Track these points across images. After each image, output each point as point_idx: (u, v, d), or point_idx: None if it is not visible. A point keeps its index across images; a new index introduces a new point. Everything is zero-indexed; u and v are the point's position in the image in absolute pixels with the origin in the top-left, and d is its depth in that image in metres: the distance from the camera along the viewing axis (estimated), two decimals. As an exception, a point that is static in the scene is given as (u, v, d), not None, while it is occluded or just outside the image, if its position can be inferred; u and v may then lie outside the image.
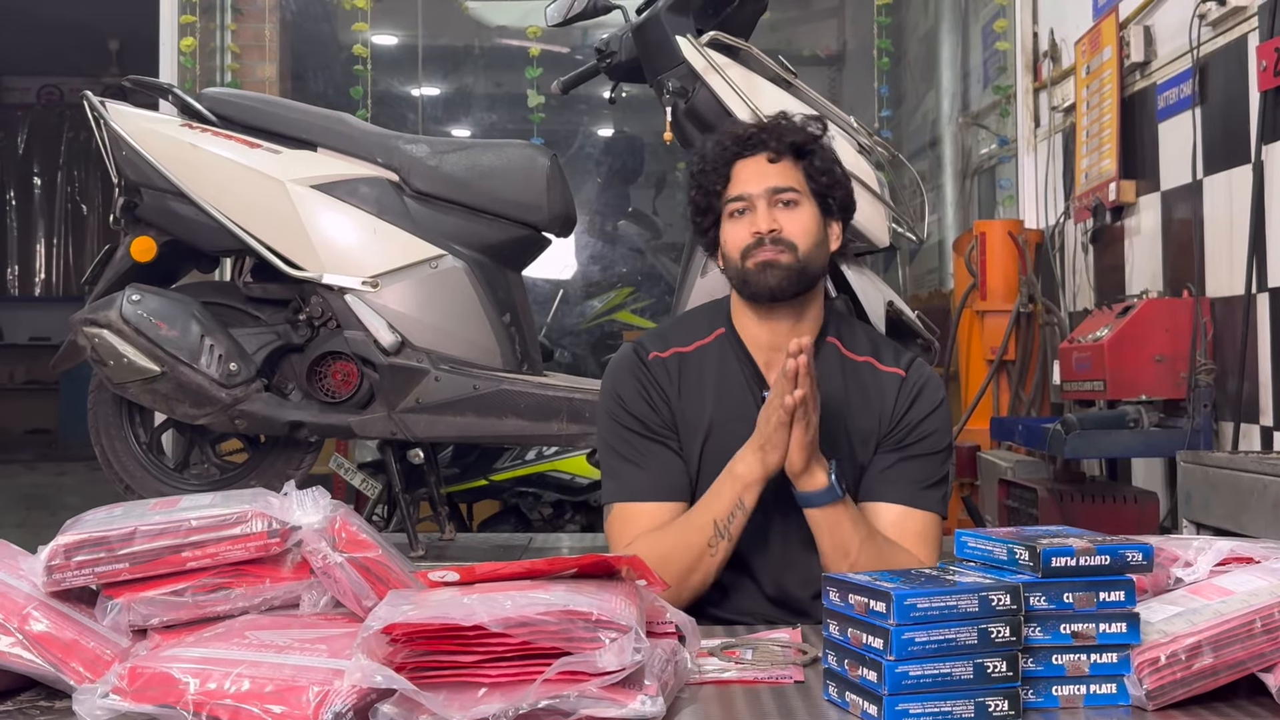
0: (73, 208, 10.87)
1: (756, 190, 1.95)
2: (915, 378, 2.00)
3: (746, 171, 1.97)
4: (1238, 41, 3.21)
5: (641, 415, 1.98)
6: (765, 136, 1.98)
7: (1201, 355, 3.24)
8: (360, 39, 5.28)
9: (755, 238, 1.93)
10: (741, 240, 1.94)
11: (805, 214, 1.96)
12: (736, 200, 1.96)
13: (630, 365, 2.01)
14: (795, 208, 1.95)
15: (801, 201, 1.96)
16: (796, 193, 1.96)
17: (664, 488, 1.95)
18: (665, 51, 2.81)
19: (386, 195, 2.93)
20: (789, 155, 1.97)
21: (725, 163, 1.98)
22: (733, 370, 1.99)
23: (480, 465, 4.16)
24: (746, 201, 1.95)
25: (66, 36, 9.13)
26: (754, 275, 1.92)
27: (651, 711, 1.24)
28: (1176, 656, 1.33)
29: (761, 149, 1.97)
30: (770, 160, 1.96)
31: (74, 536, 1.45)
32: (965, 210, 5.99)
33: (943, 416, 1.99)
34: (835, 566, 1.83)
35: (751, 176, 1.96)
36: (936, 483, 1.97)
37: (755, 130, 1.99)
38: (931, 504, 1.96)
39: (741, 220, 1.96)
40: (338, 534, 1.46)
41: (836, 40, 7.27)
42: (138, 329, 2.82)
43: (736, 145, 1.98)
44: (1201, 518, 2.72)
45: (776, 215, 1.94)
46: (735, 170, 1.97)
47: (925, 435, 1.97)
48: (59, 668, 1.39)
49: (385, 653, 1.25)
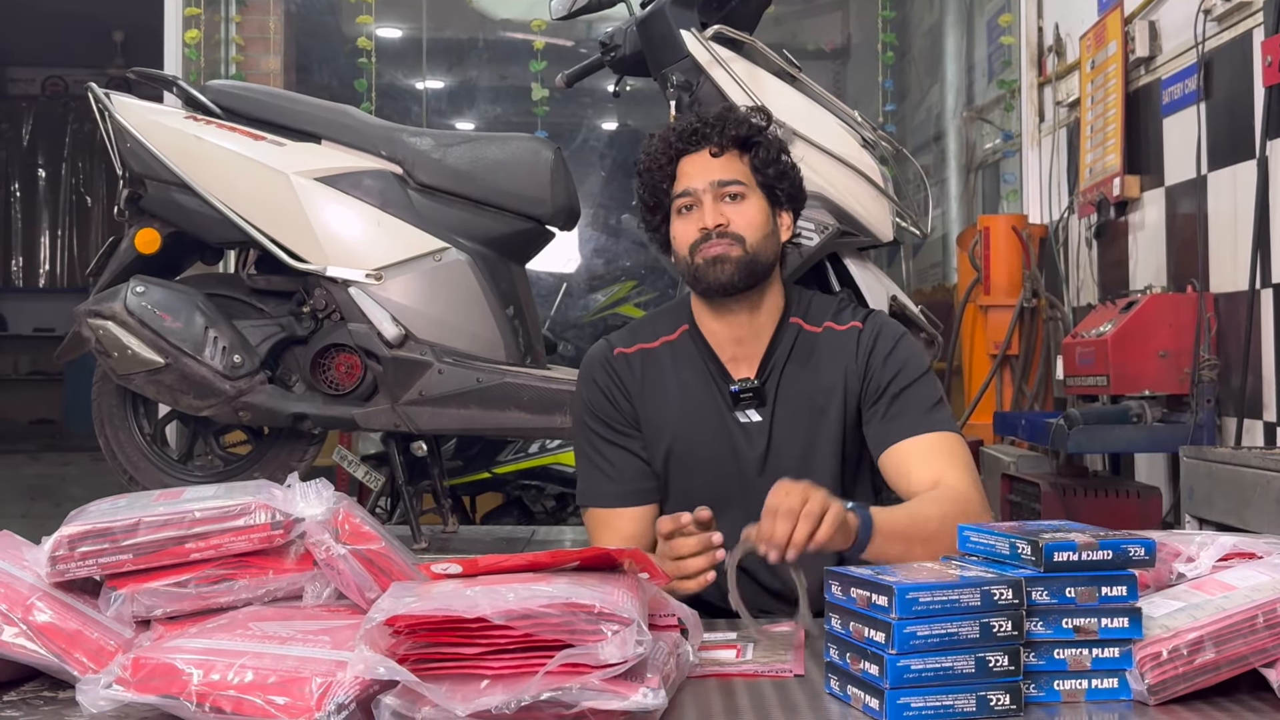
0: (77, 199, 10.87)
1: (701, 185, 1.94)
2: (871, 326, 1.99)
3: (691, 167, 1.96)
4: (1243, 37, 3.20)
5: (605, 415, 2.00)
6: (708, 130, 1.96)
7: (1205, 350, 3.24)
8: (364, 31, 5.27)
9: (703, 233, 1.92)
10: (690, 236, 1.94)
11: (752, 206, 1.95)
12: (683, 196, 1.96)
13: (596, 363, 2.03)
14: (742, 201, 1.95)
15: (748, 194, 1.95)
16: (742, 185, 1.95)
17: (630, 493, 1.98)
18: (669, 45, 2.81)
19: (390, 188, 2.93)
20: (733, 148, 1.97)
21: (670, 160, 1.97)
22: (696, 366, 2.00)
23: (483, 458, 4.16)
24: (692, 197, 1.95)
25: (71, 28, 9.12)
26: (704, 270, 1.92)
27: (653, 704, 1.24)
28: (1178, 651, 1.33)
29: (704, 143, 1.96)
30: (713, 154, 1.96)
31: (78, 527, 1.45)
32: (969, 205, 5.98)
33: (908, 347, 1.98)
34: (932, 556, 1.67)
35: (696, 171, 1.96)
36: (936, 404, 1.94)
37: (698, 125, 1.98)
38: (942, 424, 1.93)
39: (689, 216, 1.95)
40: (341, 526, 1.46)
41: (841, 34, 7.26)
42: (142, 320, 2.82)
43: (680, 141, 1.97)
44: (1204, 513, 2.72)
45: (723, 209, 1.93)
46: (680, 166, 1.97)
47: (900, 367, 1.95)
48: (63, 658, 1.40)
49: (388, 644, 1.25)
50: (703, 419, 1.97)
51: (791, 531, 1.57)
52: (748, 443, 1.96)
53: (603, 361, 2.02)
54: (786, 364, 1.97)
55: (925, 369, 1.97)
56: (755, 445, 1.96)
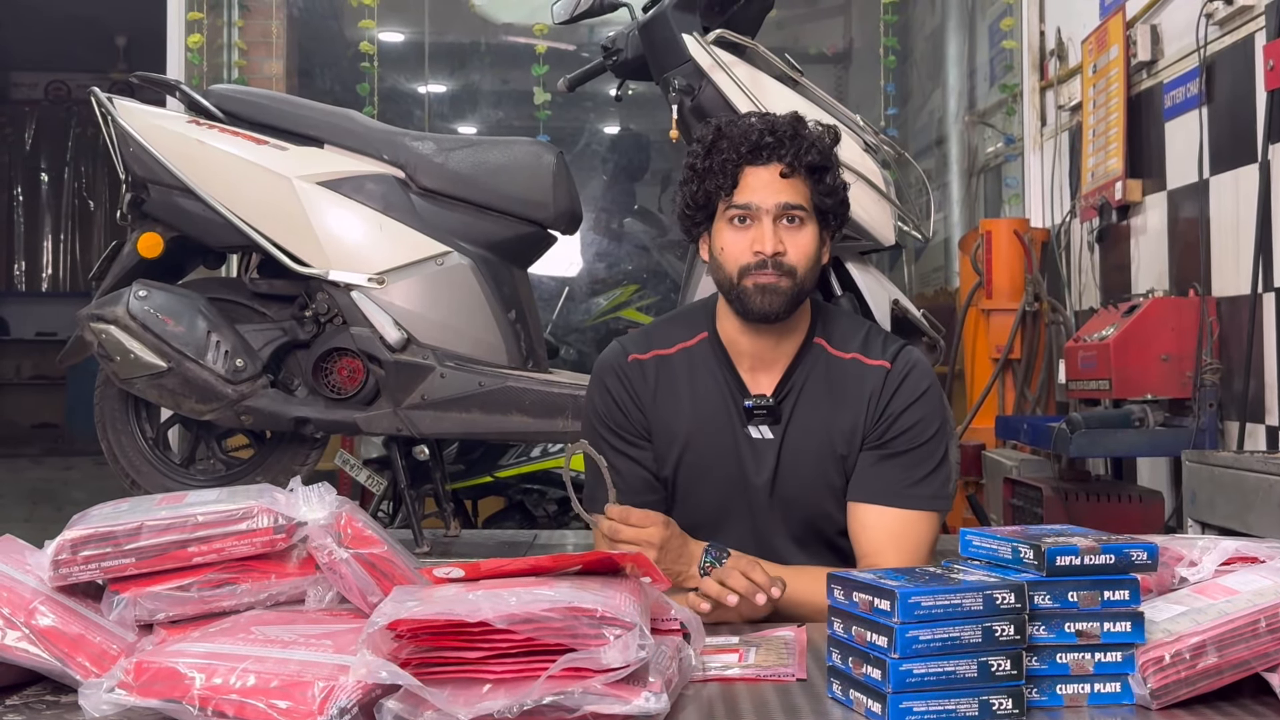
0: (79, 203, 10.89)
1: (766, 205, 1.88)
2: (900, 367, 1.93)
3: (756, 181, 1.89)
4: (1245, 41, 3.20)
5: (615, 423, 1.98)
6: (783, 151, 1.88)
7: (1207, 354, 3.23)
8: (367, 36, 5.28)
9: (758, 257, 1.86)
10: (742, 256, 1.88)
11: (808, 234, 1.90)
12: (742, 208, 1.89)
13: (609, 369, 2.00)
14: (800, 227, 1.89)
15: (806, 220, 1.90)
16: (804, 210, 1.89)
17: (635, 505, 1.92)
18: (671, 49, 2.81)
19: (393, 192, 2.94)
20: (801, 171, 1.90)
21: (734, 166, 1.89)
22: (713, 376, 1.96)
23: (485, 462, 4.16)
24: (752, 213, 1.88)
25: (74, 32, 9.14)
26: (751, 296, 1.87)
27: (656, 708, 1.24)
28: (1181, 656, 1.33)
29: (775, 160, 1.89)
30: (783, 175, 1.89)
31: (80, 531, 1.45)
32: (971, 209, 5.98)
33: (929, 404, 1.92)
34: None
35: (760, 187, 1.88)
36: (928, 475, 1.90)
37: (771, 140, 1.89)
38: (919, 500, 1.90)
39: (743, 231, 1.89)
40: (343, 530, 1.46)
41: (843, 38, 7.26)
42: (144, 325, 2.82)
43: (750, 151, 1.88)
44: (1206, 517, 2.72)
45: (781, 234, 1.87)
46: (744, 176, 1.89)
47: (908, 427, 1.91)
48: (65, 662, 1.40)
49: (390, 648, 1.25)
50: (715, 430, 1.94)
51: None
52: (756, 458, 1.94)
53: (616, 368, 1.99)
54: (805, 385, 1.94)
55: (935, 431, 1.92)
56: (764, 461, 1.94)
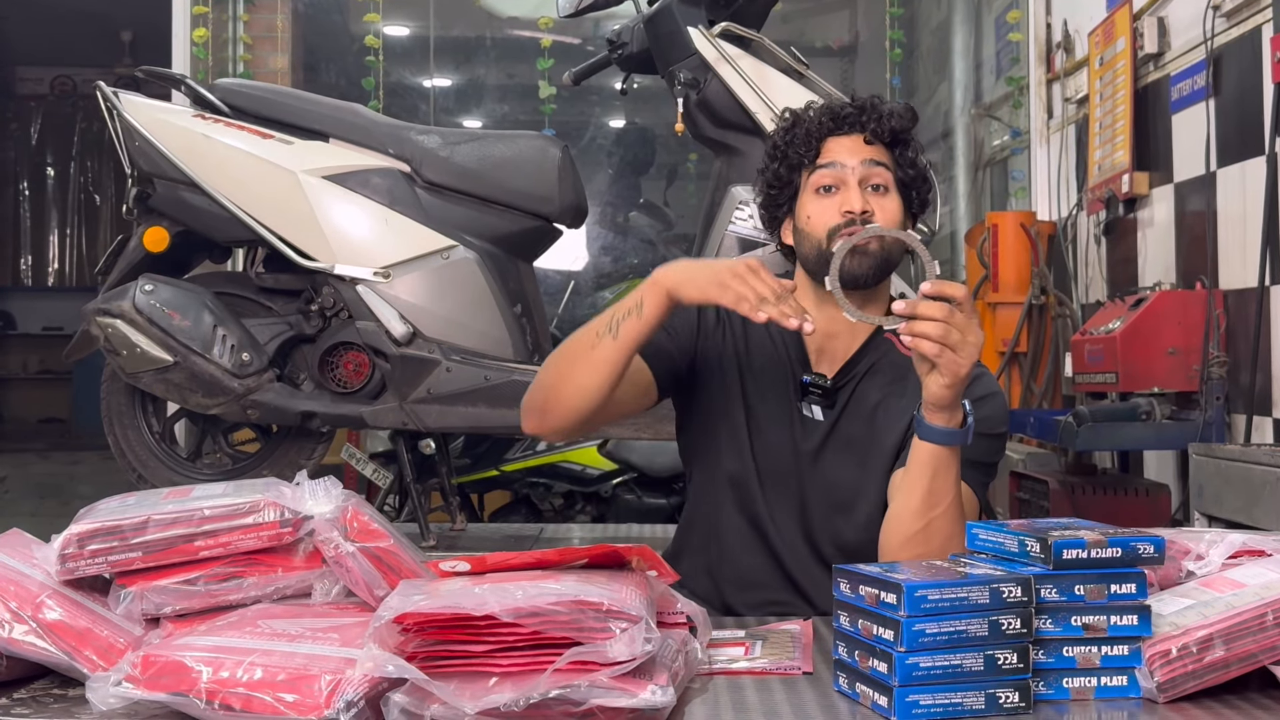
0: (85, 198, 10.90)
1: (851, 163, 1.86)
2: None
3: (839, 146, 1.88)
4: (1252, 33, 3.20)
5: (681, 314, 1.89)
6: (864, 117, 1.89)
7: (1214, 348, 3.23)
8: (372, 30, 5.28)
9: (846, 217, 1.84)
10: (830, 219, 1.85)
11: (894, 202, 1.88)
12: (829, 168, 1.87)
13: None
14: (886, 194, 1.87)
15: (891, 189, 1.89)
16: (889, 173, 1.88)
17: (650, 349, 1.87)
18: (677, 43, 2.81)
19: (398, 186, 2.94)
20: (883, 140, 1.89)
21: (817, 138, 1.88)
22: (777, 345, 1.95)
23: (491, 456, 4.17)
24: (838, 174, 1.86)
25: (79, 27, 9.14)
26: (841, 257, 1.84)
27: (662, 701, 1.24)
28: (1188, 649, 1.33)
29: (858, 129, 1.88)
30: (866, 142, 1.88)
31: (87, 525, 1.45)
32: (977, 202, 5.97)
33: (993, 405, 1.87)
34: (913, 518, 1.71)
35: (845, 150, 1.88)
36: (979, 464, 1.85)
37: (853, 109, 1.89)
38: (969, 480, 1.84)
39: (829, 198, 1.87)
40: (349, 523, 1.46)
41: (849, 32, 7.25)
42: (150, 319, 2.83)
43: (832, 121, 1.89)
44: (1213, 510, 2.72)
45: (869, 198, 1.86)
46: (826, 145, 1.88)
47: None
48: (72, 656, 1.40)
49: (397, 642, 1.26)
50: (771, 393, 1.93)
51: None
52: (804, 436, 1.92)
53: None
54: (866, 376, 1.91)
55: (996, 432, 1.88)
56: (810, 441, 1.92)
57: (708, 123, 2.83)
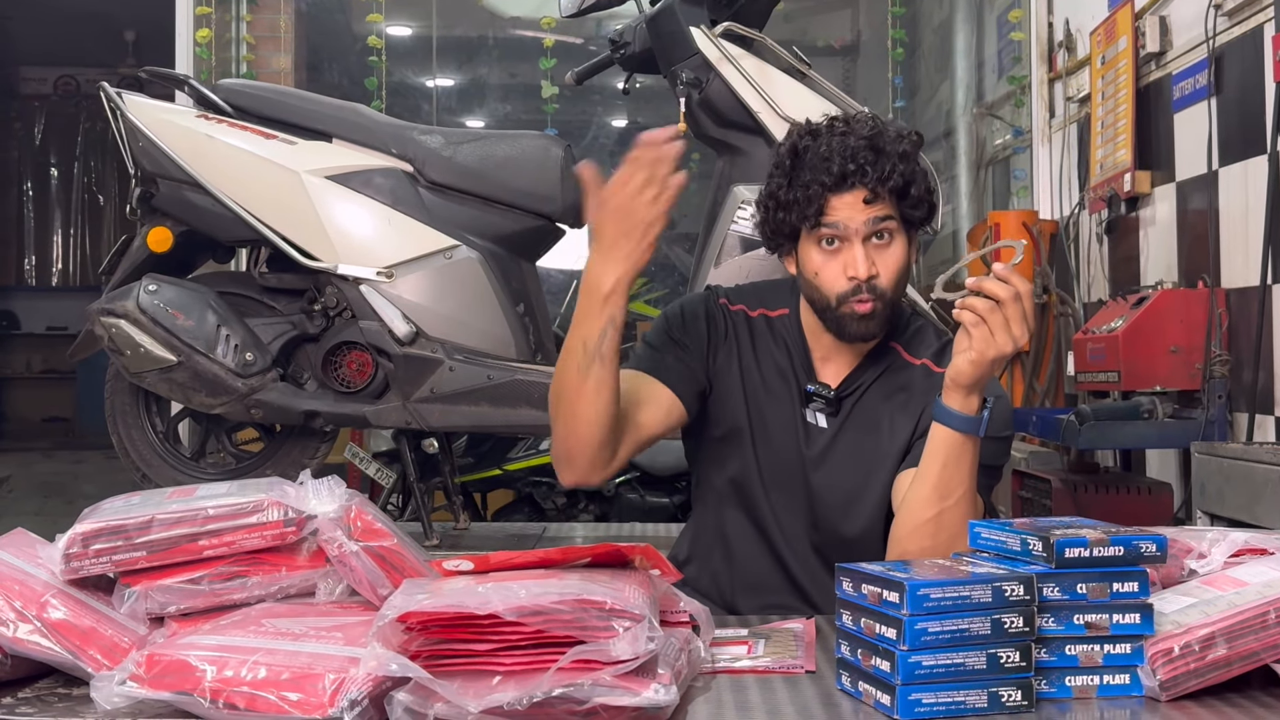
0: (89, 198, 10.90)
1: (854, 225, 1.84)
2: None
3: (841, 204, 1.85)
4: (1254, 32, 3.20)
5: (686, 330, 1.95)
6: (865, 178, 1.84)
7: (1216, 346, 3.23)
8: (375, 30, 5.28)
9: (852, 283, 1.84)
10: (838, 284, 1.85)
11: (898, 248, 1.87)
12: (830, 228, 1.85)
13: (702, 297, 2.01)
14: (889, 242, 1.86)
15: (895, 233, 1.87)
16: (893, 223, 1.87)
17: (661, 368, 1.91)
18: (679, 42, 2.81)
19: (401, 186, 2.94)
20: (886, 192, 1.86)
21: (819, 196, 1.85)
22: (785, 351, 1.96)
23: (494, 455, 4.17)
24: (840, 233, 1.85)
25: (83, 27, 9.15)
26: (848, 323, 1.86)
27: (665, 700, 1.24)
28: (1190, 647, 1.33)
29: (860, 186, 1.85)
30: (866, 201, 1.85)
31: (91, 525, 1.45)
32: (980, 201, 5.97)
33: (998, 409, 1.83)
34: (923, 506, 1.73)
35: (845, 208, 1.85)
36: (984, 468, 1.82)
37: (853, 168, 1.84)
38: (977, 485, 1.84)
39: (834, 254, 1.86)
40: (353, 523, 1.46)
41: (851, 31, 7.25)
42: (154, 319, 2.83)
43: (833, 181, 1.84)
44: (1215, 509, 2.71)
45: (871, 254, 1.85)
46: (829, 202, 1.85)
47: None
48: (77, 655, 1.40)
49: (400, 641, 1.26)
50: (776, 399, 1.95)
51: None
52: (807, 443, 1.94)
53: (708, 298, 2.00)
54: (872, 385, 1.93)
55: (1001, 435, 1.88)
56: (814, 447, 1.93)
57: (710, 122, 2.83)
